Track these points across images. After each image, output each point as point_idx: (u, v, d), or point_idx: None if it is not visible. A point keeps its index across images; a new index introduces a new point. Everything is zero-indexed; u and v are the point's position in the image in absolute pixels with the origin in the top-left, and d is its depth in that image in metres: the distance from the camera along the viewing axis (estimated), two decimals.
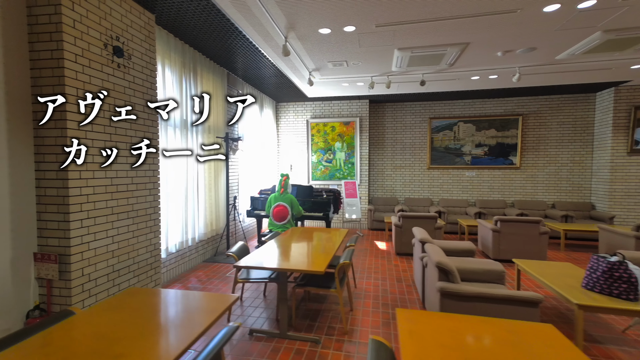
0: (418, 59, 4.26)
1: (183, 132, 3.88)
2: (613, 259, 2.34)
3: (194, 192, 4.09)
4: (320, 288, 2.58)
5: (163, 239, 3.50)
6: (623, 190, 6.02)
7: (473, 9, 2.96)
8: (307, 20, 3.20)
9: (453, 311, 2.19)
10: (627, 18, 3.11)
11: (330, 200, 5.03)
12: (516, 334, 1.37)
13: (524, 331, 1.40)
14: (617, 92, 5.97)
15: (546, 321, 2.76)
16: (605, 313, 2.21)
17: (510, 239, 4.50)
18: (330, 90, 6.18)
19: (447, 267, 2.25)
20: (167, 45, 3.54)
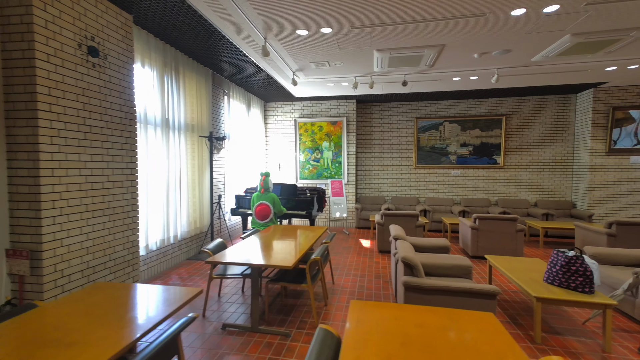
0: (398, 60, 4.34)
1: (164, 131, 3.92)
2: (570, 254, 2.44)
3: (176, 190, 4.14)
4: (292, 283, 2.64)
5: (142, 236, 3.54)
6: (602, 189, 6.17)
7: (444, 13, 3.04)
8: (284, 22, 3.26)
9: (416, 304, 2.27)
10: (593, 22, 3.22)
11: (314, 198, 5.10)
12: (456, 322, 1.45)
13: (465, 319, 1.48)
14: (596, 93, 6.11)
15: (514, 314, 2.86)
16: (560, 305, 2.31)
17: (488, 236, 4.61)
18: (316, 90, 6.24)
19: (412, 262, 2.33)
20: (147, 45, 3.58)
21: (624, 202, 6.10)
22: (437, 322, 1.44)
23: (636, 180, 6.05)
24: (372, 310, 1.57)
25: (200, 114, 4.79)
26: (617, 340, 2.43)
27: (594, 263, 2.48)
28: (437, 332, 1.35)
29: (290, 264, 2.29)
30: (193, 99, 4.62)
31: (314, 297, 3.24)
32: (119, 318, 1.47)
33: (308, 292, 3.36)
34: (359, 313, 1.53)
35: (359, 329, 1.38)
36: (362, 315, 1.51)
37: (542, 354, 2.24)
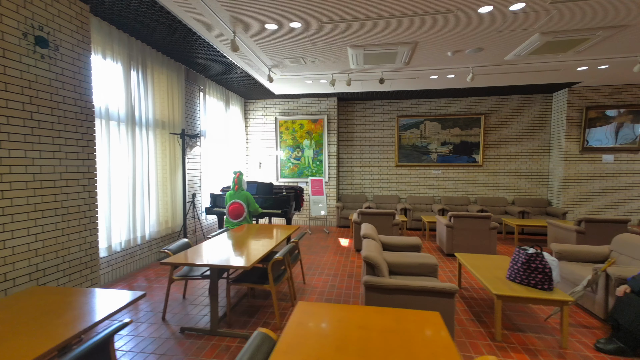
0: (373, 56, 4.30)
1: (130, 128, 3.77)
2: (530, 252, 2.44)
3: (143, 188, 4.00)
4: (254, 284, 2.57)
5: (104, 236, 3.40)
6: (575, 187, 6.31)
7: (412, 8, 3.01)
8: (252, 15, 3.17)
9: (377, 303, 2.23)
10: (560, 21, 3.25)
11: (290, 197, 5.02)
12: (400, 323, 1.41)
13: (410, 319, 1.44)
14: (570, 92, 6.23)
15: (479, 311, 2.86)
16: (520, 302, 2.31)
17: (463, 234, 4.64)
18: (295, 87, 6.16)
19: (373, 261, 2.29)
20: (110, 38, 3.43)
21: (596, 200, 6.25)
22: (380, 324, 1.39)
23: (607, 179, 6.20)
24: (318, 311, 1.52)
25: (172, 110, 4.65)
26: (575, 336, 2.45)
27: (554, 260, 2.49)
28: (377, 335, 1.31)
29: (248, 265, 2.22)
30: (164, 95, 4.47)
31: (282, 297, 3.18)
32: (41, 326, 1.37)
33: (277, 292, 3.30)
34: (302, 315, 1.47)
35: (297, 332, 1.32)
36: (305, 317, 1.45)
37: (500, 351, 2.23)
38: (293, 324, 1.40)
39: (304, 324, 1.39)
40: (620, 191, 6.17)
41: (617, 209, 6.20)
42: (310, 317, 1.46)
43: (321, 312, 1.52)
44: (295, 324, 1.39)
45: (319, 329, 1.35)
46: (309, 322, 1.41)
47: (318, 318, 1.45)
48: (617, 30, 3.44)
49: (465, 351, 2.24)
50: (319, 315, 1.48)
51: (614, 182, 6.19)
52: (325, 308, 1.56)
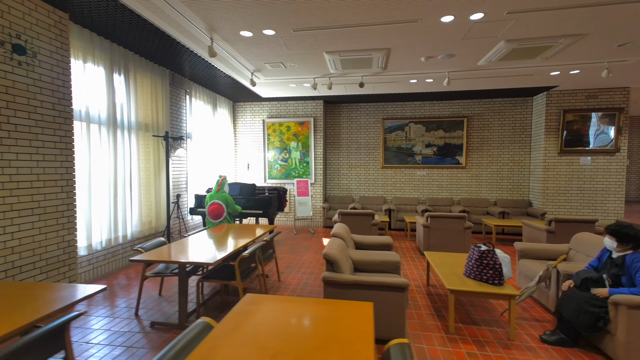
0: (349, 62, 4.45)
1: (112, 130, 3.89)
2: (483, 248, 2.58)
3: (125, 189, 4.11)
4: (223, 280, 2.69)
5: (84, 235, 3.51)
6: (554, 188, 6.46)
7: (379, 18, 3.15)
8: (226, 23, 3.30)
9: (335, 298, 2.36)
10: (522, 29, 3.40)
11: (272, 198, 5.15)
12: (333, 311, 1.53)
13: (343, 309, 1.56)
14: (548, 96, 6.40)
15: (441, 307, 2.98)
16: (470, 296, 2.44)
17: (439, 234, 4.77)
18: (280, 90, 6.29)
19: (331, 258, 2.41)
20: (91, 44, 3.55)
21: (574, 201, 6.41)
22: (315, 313, 1.52)
23: (585, 180, 6.36)
24: (262, 302, 1.64)
25: (157, 113, 4.77)
26: (525, 328, 2.58)
27: (505, 257, 2.63)
28: (307, 322, 1.43)
29: (212, 262, 2.34)
30: (147, 98, 4.60)
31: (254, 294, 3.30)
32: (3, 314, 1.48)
33: (250, 289, 3.42)
34: (245, 305, 1.60)
35: (235, 320, 1.44)
36: (248, 307, 1.58)
37: (451, 342, 2.36)
38: (234, 313, 1.52)
39: (245, 313, 1.52)
40: (597, 192, 6.33)
41: (595, 210, 6.35)
42: (253, 307, 1.59)
43: (265, 303, 1.64)
44: (236, 313, 1.52)
45: (257, 317, 1.48)
46: (251, 311, 1.54)
47: (260, 308, 1.57)
48: (578, 38, 3.59)
49: (418, 342, 2.37)
50: (262, 305, 1.61)
51: (592, 184, 6.35)
52: (269, 299, 1.68)
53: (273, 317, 1.48)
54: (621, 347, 1.96)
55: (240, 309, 1.56)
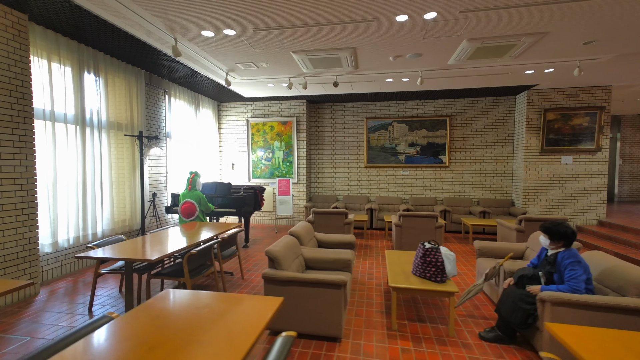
0: (319, 61, 4.46)
1: (80, 129, 3.95)
2: (427, 246, 2.58)
3: (94, 187, 4.16)
4: (170, 277, 2.73)
5: (48, 233, 3.57)
6: (536, 187, 6.42)
7: (335, 17, 3.17)
8: (185, 23, 3.34)
9: (274, 294, 2.38)
10: (481, 29, 3.39)
11: (246, 197, 5.18)
12: (236, 305, 1.56)
13: (248, 303, 1.59)
14: (529, 95, 6.36)
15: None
16: (411, 293, 2.45)
17: (410, 232, 4.77)
18: (260, 90, 6.33)
19: (271, 255, 2.44)
20: (56, 44, 3.61)
21: (556, 201, 6.36)
22: (219, 307, 1.55)
23: (567, 179, 6.31)
24: (177, 298, 1.67)
25: (131, 113, 4.83)
26: (469, 326, 2.58)
27: (451, 255, 2.63)
28: (206, 315, 1.46)
29: (153, 259, 2.38)
30: (121, 98, 4.66)
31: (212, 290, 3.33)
32: None
33: (211, 286, 3.46)
34: (159, 300, 1.63)
35: (133, 314, 1.47)
36: (160, 302, 1.61)
37: (390, 338, 2.37)
38: (140, 307, 1.55)
39: (149, 308, 1.55)
40: (579, 192, 6.28)
41: (576, 209, 6.31)
42: (162, 302, 1.62)
43: (178, 298, 1.67)
44: (141, 308, 1.55)
45: (156, 311, 1.50)
46: (156, 306, 1.57)
47: (167, 303, 1.60)
48: (540, 36, 3.58)
49: (357, 339, 2.38)
50: (170, 301, 1.64)
51: (573, 183, 6.30)
52: (184, 295, 1.71)
53: (173, 312, 1.51)
54: (546, 343, 1.96)
55: (148, 304, 1.59)
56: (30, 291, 3.18)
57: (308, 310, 2.32)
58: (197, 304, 1.58)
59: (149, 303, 1.59)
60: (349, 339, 2.37)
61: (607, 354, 1.15)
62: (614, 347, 1.19)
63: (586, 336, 1.28)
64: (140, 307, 1.54)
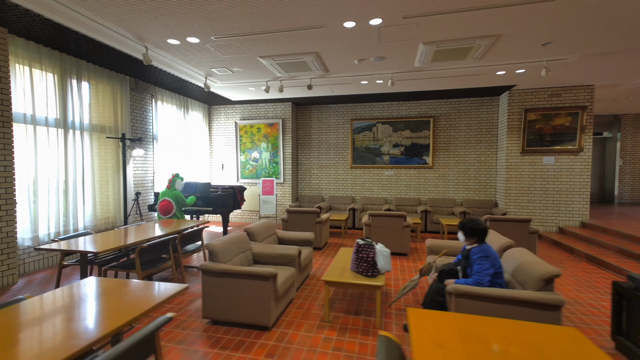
0: (287, 65, 4.64)
1: (62, 132, 4.25)
2: (360, 242, 2.71)
3: (75, 186, 4.45)
4: (122, 269, 2.95)
5: (28, 228, 3.86)
6: (517, 188, 6.39)
7: (286, 25, 3.33)
8: (150, 32, 3.57)
9: (211, 285, 2.56)
10: (432, 32, 3.48)
11: (222, 196, 5.40)
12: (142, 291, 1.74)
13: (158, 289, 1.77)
14: (510, 95, 6.35)
15: (336, 299, 3.12)
16: (342, 287, 2.58)
17: (379, 232, 4.87)
18: (243, 93, 6.55)
19: (209, 249, 2.62)
20: (38, 54, 3.92)
21: (538, 201, 6.31)
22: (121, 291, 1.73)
23: (549, 180, 6.26)
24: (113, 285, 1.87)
25: (115, 116, 5.13)
26: (401, 318, 2.69)
27: (385, 251, 2.75)
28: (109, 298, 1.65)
29: (100, 249, 2.60)
30: (105, 103, 4.96)
31: None
32: None
33: (171, 278, 3.67)
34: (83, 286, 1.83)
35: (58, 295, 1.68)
36: (82, 287, 1.81)
37: (319, 329, 2.51)
38: (64, 289, 1.76)
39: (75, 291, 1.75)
40: (562, 192, 6.22)
41: (558, 210, 6.24)
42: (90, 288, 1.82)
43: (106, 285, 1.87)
44: (65, 289, 1.75)
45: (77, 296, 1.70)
46: (81, 291, 1.77)
47: (84, 287, 1.80)
48: (494, 39, 3.64)
49: (287, 328, 2.53)
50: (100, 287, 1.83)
51: (555, 184, 6.24)
52: (113, 282, 1.91)
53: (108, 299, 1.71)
54: None
55: (71, 287, 1.79)
56: (8, 280, 3.47)
57: (241, 300, 2.49)
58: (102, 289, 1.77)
59: (72, 287, 1.79)
60: (280, 329, 2.52)
61: (433, 332, 1.27)
62: (445, 328, 1.31)
63: (430, 319, 1.40)
64: (65, 289, 1.75)
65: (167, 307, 2.94)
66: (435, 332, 1.29)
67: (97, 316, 1.45)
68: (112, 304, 1.57)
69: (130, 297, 1.65)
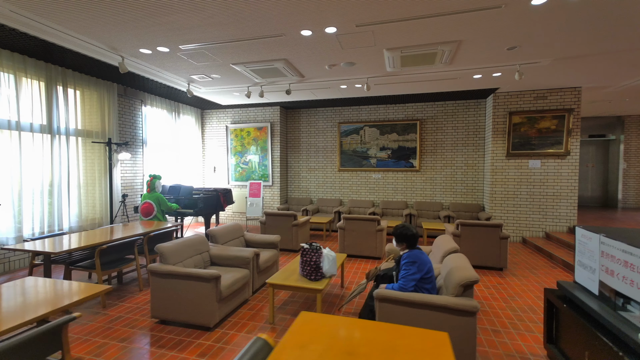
0: (262, 71, 4.75)
1: (46, 137, 4.49)
2: (304, 247, 2.78)
3: (60, 188, 4.68)
4: (84, 268, 3.11)
5: (11, 227, 4.09)
6: (502, 192, 6.30)
7: (248, 34, 3.44)
8: (121, 43, 3.74)
9: (158, 287, 2.67)
10: (392, 39, 3.52)
11: (203, 199, 5.55)
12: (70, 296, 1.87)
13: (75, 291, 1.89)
14: (495, 98, 6.27)
15: (291, 300, 3.19)
16: (286, 290, 2.65)
17: (353, 235, 4.91)
18: (230, 98, 6.71)
19: (158, 250, 2.74)
20: (23, 65, 4.16)
21: (524, 206, 6.20)
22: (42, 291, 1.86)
23: (535, 184, 6.14)
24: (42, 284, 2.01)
25: (102, 122, 5.36)
26: None
27: (331, 255, 2.80)
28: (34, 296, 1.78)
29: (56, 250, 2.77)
30: (92, 109, 5.20)
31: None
32: None
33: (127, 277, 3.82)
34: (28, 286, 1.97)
35: None
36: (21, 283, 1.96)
37: (260, 331, 2.59)
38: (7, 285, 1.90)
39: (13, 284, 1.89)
40: (548, 197, 6.09)
41: (545, 215, 6.11)
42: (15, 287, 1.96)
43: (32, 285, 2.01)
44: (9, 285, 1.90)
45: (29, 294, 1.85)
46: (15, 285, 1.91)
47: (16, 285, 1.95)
48: (455, 44, 3.65)
49: (230, 329, 2.62)
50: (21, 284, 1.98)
51: (542, 188, 6.12)
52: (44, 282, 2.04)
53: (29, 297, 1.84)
54: None
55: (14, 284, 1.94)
56: None
57: (185, 300, 2.60)
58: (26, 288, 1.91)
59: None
60: (223, 329, 2.61)
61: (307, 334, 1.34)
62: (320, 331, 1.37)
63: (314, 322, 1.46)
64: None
65: (125, 305, 3.08)
66: (307, 335, 1.36)
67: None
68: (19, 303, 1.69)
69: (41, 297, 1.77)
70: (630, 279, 1.55)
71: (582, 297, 1.87)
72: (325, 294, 3.40)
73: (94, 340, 2.39)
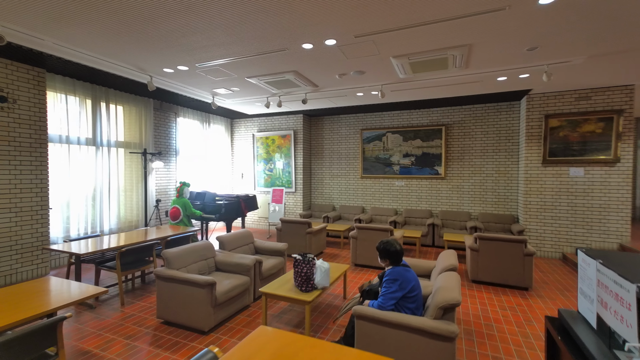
0: (275, 83, 4.92)
1: (91, 149, 5.11)
2: (297, 257, 2.82)
3: (101, 194, 5.28)
4: (108, 269, 3.47)
5: (60, 229, 4.71)
6: (538, 202, 5.75)
7: (250, 50, 3.60)
8: (147, 64, 4.15)
9: (163, 288, 2.90)
10: (397, 46, 3.44)
11: (224, 205, 5.85)
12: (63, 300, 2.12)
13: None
14: (529, 100, 5.77)
15: (288, 309, 3.24)
16: (277, 300, 2.71)
17: (364, 245, 4.83)
18: (253, 108, 7.02)
19: (164, 256, 2.97)
20: (72, 87, 4.81)
21: (564, 218, 5.58)
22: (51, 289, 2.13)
23: (578, 195, 5.50)
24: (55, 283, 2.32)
25: (140, 134, 5.96)
26: (336, 334, 2.71)
27: (324, 266, 2.81)
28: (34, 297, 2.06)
29: (82, 252, 3.14)
30: (132, 123, 5.82)
31: None
32: None
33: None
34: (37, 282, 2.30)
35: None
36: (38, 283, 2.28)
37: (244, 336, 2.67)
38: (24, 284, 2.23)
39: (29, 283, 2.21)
40: (594, 209, 5.41)
41: (590, 230, 5.44)
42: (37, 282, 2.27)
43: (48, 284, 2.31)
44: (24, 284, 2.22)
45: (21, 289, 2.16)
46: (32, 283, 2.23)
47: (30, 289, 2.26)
48: (466, 48, 3.45)
49: (225, 334, 2.74)
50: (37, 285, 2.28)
51: (586, 199, 5.46)
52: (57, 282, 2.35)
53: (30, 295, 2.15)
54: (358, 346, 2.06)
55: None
56: (41, 271, 4.30)
57: (184, 304, 2.78)
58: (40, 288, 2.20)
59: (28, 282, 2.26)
60: (217, 334, 2.75)
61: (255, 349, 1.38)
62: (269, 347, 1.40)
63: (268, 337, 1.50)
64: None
65: (140, 304, 3.37)
66: (256, 349, 1.40)
67: None
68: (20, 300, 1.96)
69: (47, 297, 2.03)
70: (620, 315, 1.36)
71: (579, 330, 1.66)
72: (325, 304, 3.40)
73: (105, 336, 2.67)
